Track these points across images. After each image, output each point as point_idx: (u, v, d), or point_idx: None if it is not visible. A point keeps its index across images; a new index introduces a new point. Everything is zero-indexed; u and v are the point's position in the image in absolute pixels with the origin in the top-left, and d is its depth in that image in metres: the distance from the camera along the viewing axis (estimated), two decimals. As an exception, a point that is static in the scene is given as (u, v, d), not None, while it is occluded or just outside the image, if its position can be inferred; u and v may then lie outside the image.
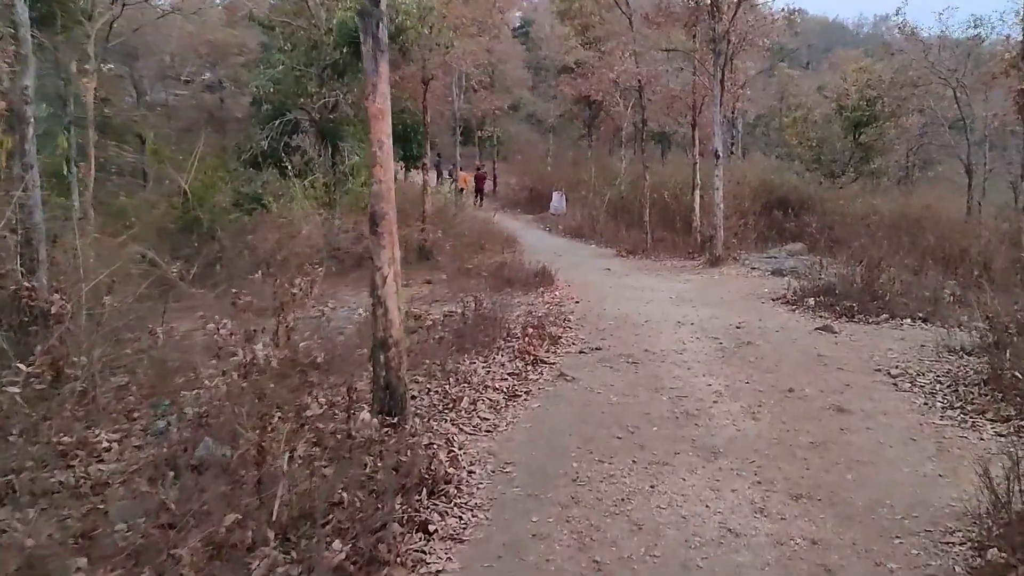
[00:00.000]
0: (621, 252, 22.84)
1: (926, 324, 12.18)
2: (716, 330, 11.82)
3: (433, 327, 11.18)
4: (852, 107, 27.52)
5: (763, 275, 17.88)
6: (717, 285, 16.57)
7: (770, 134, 40.10)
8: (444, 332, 10.73)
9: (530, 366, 9.62)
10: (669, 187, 25.34)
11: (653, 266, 20.45)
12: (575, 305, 13.91)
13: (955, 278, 15.21)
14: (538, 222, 30.45)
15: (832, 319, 12.68)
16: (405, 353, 6.96)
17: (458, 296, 14.42)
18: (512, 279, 15.63)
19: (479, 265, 16.71)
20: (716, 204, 19.32)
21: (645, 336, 11.42)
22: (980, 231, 20.11)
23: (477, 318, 11.39)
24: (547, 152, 37.28)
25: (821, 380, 9.08)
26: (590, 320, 12.56)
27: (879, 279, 13.62)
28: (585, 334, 11.50)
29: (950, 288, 14.19)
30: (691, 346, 10.81)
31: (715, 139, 19.20)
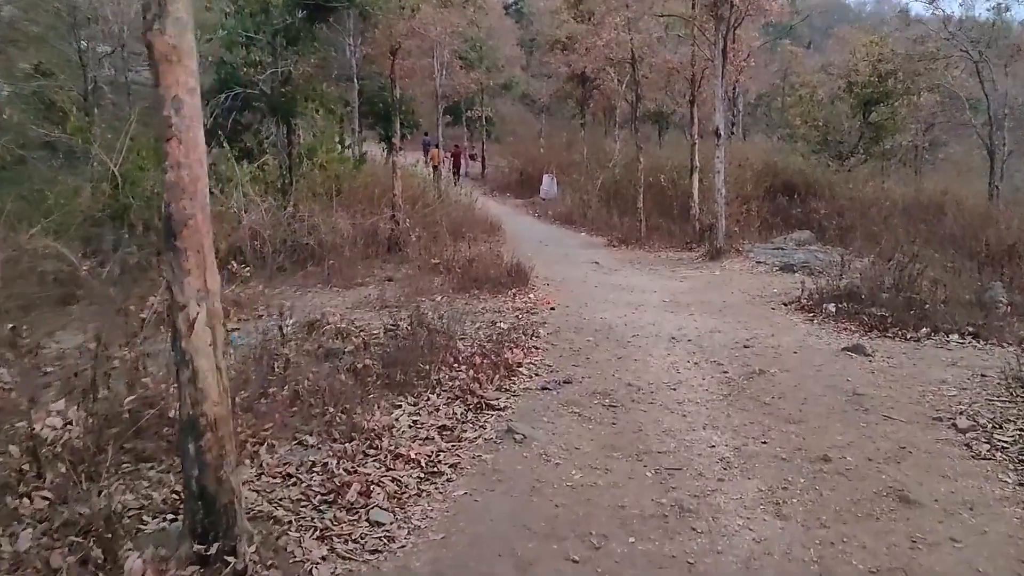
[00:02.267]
0: (613, 242, 20.16)
1: (978, 341, 9.51)
2: (719, 350, 9.14)
3: (360, 350, 8.48)
4: (862, 83, 24.66)
5: (771, 271, 15.17)
6: (719, 284, 13.85)
7: (772, 115, 37.24)
8: (370, 359, 8.03)
9: (471, 413, 6.92)
10: (666, 170, 22.62)
11: (647, 258, 17.72)
12: (550, 313, 11.23)
13: (998, 277, 12.48)
14: (527, 207, 27.70)
15: (860, 333, 10.00)
16: (232, 437, 4.23)
17: (414, 300, 11.79)
18: (481, 278, 12.93)
19: (448, 260, 14.00)
20: (717, 189, 16.59)
21: (630, 360, 8.74)
22: (1010, 219, 17.40)
23: (419, 337, 8.74)
24: (540, 133, 34.48)
25: (865, 438, 6.38)
26: (565, 335, 9.88)
27: (915, 280, 10.92)
28: (554, 357, 8.81)
29: (998, 292, 11.48)
30: (688, 376, 8.13)
31: (716, 115, 16.43)
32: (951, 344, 9.40)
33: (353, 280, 13.67)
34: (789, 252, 16.90)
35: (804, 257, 16.15)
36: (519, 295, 12.45)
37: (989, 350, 9.13)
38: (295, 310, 11.30)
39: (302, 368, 7.57)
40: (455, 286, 12.79)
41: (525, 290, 12.80)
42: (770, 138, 31.38)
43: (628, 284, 13.94)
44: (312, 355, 8.61)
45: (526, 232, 22.13)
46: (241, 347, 9.12)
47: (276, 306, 11.63)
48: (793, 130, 29.82)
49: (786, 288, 13.18)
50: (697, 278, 14.61)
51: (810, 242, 18.91)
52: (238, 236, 14.07)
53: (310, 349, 8.80)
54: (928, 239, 17.80)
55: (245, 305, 11.26)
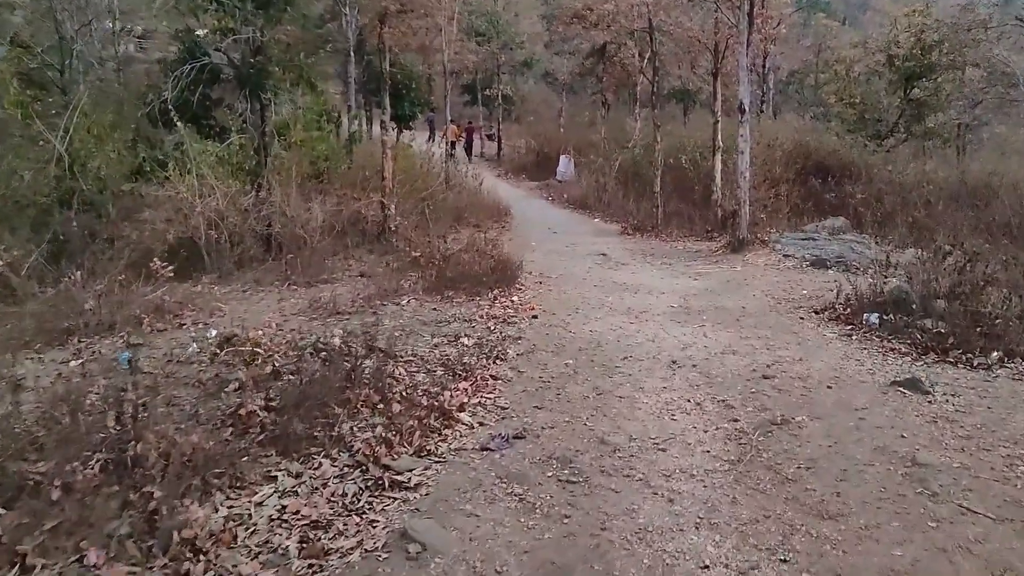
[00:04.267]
0: (627, 229, 17.88)
1: (1069, 372, 7.18)
2: (730, 382, 6.88)
3: (258, 382, 6.32)
4: (904, 57, 21.99)
5: (800, 266, 12.81)
6: (739, 284, 11.53)
7: (804, 93, 34.46)
8: (262, 399, 5.87)
9: (368, 494, 4.75)
10: (688, 151, 20.22)
11: (661, 249, 15.42)
12: (530, 323, 9.03)
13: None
14: (542, 190, 25.40)
15: (912, 356, 7.68)
16: None
17: (373, 304, 9.69)
18: (458, 277, 10.74)
19: (428, 253, 11.79)
20: (741, 172, 14.21)
21: (613, 397, 6.51)
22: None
23: (346, 363, 6.60)
24: (560, 112, 32.02)
25: (938, 552, 4.12)
26: (538, 357, 7.66)
27: (980, 287, 8.58)
28: (514, 394, 6.60)
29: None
30: (685, 426, 5.88)
31: (741, 89, 14.01)
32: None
33: (319, 276, 11.55)
34: (821, 243, 14.51)
35: (838, 250, 13.76)
36: (500, 298, 10.25)
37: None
38: (229, 317, 9.26)
39: (161, 417, 5.46)
40: (428, 286, 10.62)
41: (509, 292, 10.59)
42: (802, 117, 28.69)
43: (634, 282, 11.67)
44: (200, 389, 6.52)
45: (536, 217, 19.92)
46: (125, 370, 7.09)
47: (209, 311, 9.60)
48: (827, 108, 27.22)
49: (818, 289, 10.85)
50: (714, 275, 12.29)
51: (845, 230, 16.50)
52: (189, 225, 11.99)
53: (202, 379, 6.71)
54: (976, 227, 15.45)
55: (170, 311, 9.18)
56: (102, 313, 8.74)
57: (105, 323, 8.62)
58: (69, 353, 7.67)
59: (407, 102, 25.57)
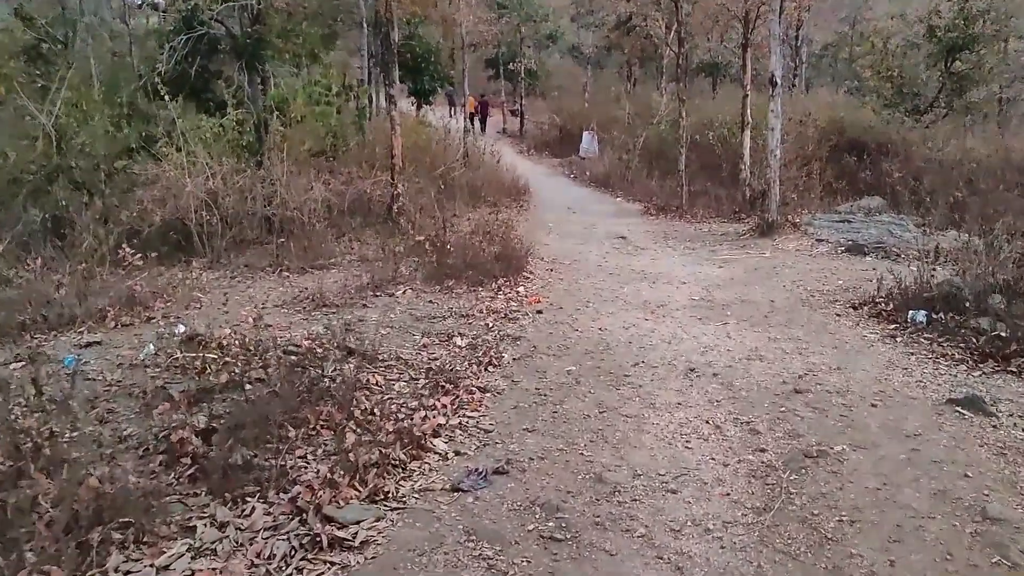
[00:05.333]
0: (650, 209, 16.76)
1: None
2: (756, 398, 5.80)
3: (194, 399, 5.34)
4: (946, 27, 20.50)
5: (834, 252, 11.65)
6: (767, 273, 10.39)
7: (838, 66, 32.86)
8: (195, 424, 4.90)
9: (298, 556, 3.70)
10: (715, 127, 18.97)
11: (685, 231, 14.29)
12: (534, 320, 7.99)
13: None
14: (564, 167, 24.21)
15: (968, 364, 6.55)
16: None
17: (364, 295, 8.72)
18: (461, 265, 9.72)
19: (433, 237, 10.75)
20: (771, 150, 13.01)
21: (618, 416, 5.45)
22: None
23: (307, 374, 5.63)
24: (585, 87, 30.69)
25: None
26: (536, 362, 6.64)
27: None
28: (504, 410, 5.56)
29: None
30: (701, 458, 4.81)
31: (773, 59, 12.76)
32: (1113, 391, 5.95)
33: (315, 261, 10.57)
34: (857, 226, 13.31)
35: (876, 234, 12.56)
36: (505, 288, 9.23)
37: None
38: (206, 309, 8.33)
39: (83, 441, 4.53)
40: (428, 274, 9.61)
41: (516, 281, 9.56)
42: (836, 92, 27.20)
43: (653, 270, 10.58)
44: (143, 402, 5.57)
45: (556, 196, 18.84)
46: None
47: (186, 301, 8.66)
48: (862, 83, 25.74)
49: (855, 280, 9.71)
50: (741, 262, 11.15)
51: (881, 210, 15.28)
52: (177, 206, 11.03)
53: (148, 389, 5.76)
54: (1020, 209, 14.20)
55: (142, 302, 8.24)
56: (63, 305, 7.83)
57: (66, 316, 7.71)
58: (12, 354, 6.73)
59: (427, 76, 24.45)
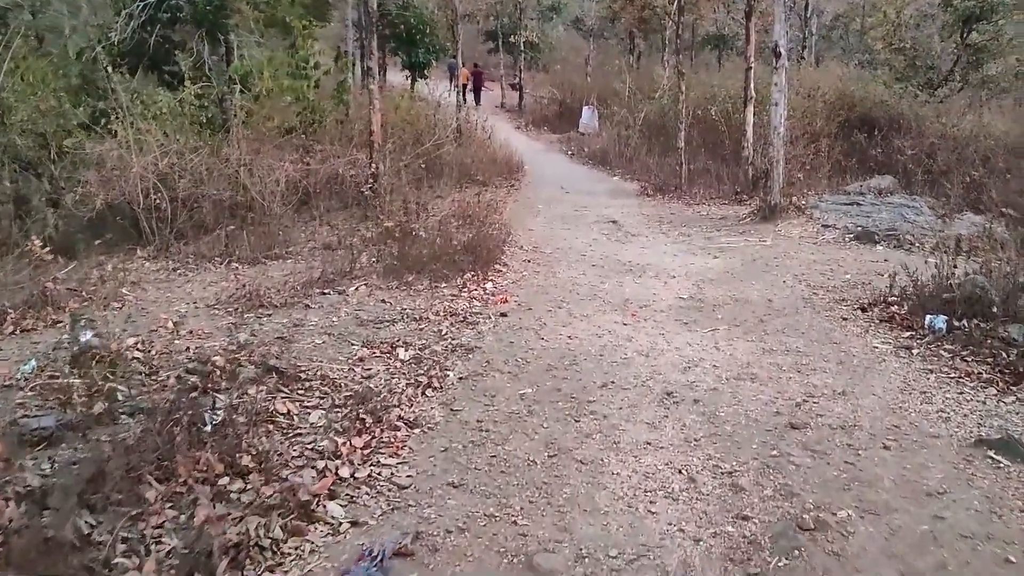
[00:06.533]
0: (647, 189, 15.59)
1: None
2: (742, 434, 4.65)
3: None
4: (963, -4, 19.11)
5: (841, 240, 10.49)
6: (766, 265, 9.21)
7: (849, 38, 31.32)
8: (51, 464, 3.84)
9: None
10: (718, 101, 17.68)
11: (682, 215, 13.12)
12: (495, 325, 6.87)
13: None
14: (562, 143, 22.93)
15: (999, 386, 5.41)
16: None
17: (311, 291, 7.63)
18: (422, 257, 8.58)
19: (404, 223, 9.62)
20: (774, 127, 11.79)
21: (571, 465, 4.31)
22: None
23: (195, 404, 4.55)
24: (587, 60, 29.29)
25: None
26: (489, 383, 5.49)
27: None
28: (431, 454, 4.43)
29: None
30: (665, 529, 3.66)
31: (776, 27, 11.51)
32: None
33: (270, 250, 9.48)
34: (867, 209, 12.11)
35: (888, 219, 11.38)
36: (472, 284, 8.10)
37: None
38: (128, 309, 7.25)
39: None
40: (388, 266, 8.49)
41: (486, 274, 8.43)
42: (846, 64, 25.77)
43: (641, 261, 9.43)
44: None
45: (551, 174, 17.68)
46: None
47: (109, 299, 7.58)
48: (874, 55, 24.34)
49: (864, 273, 8.57)
50: (738, 251, 9.98)
51: (893, 191, 14.06)
52: (125, 188, 9.92)
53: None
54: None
55: (55, 301, 7.17)
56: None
57: (-41, 322, 6.65)
58: None
59: (422, 49, 23.16)
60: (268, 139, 11.90)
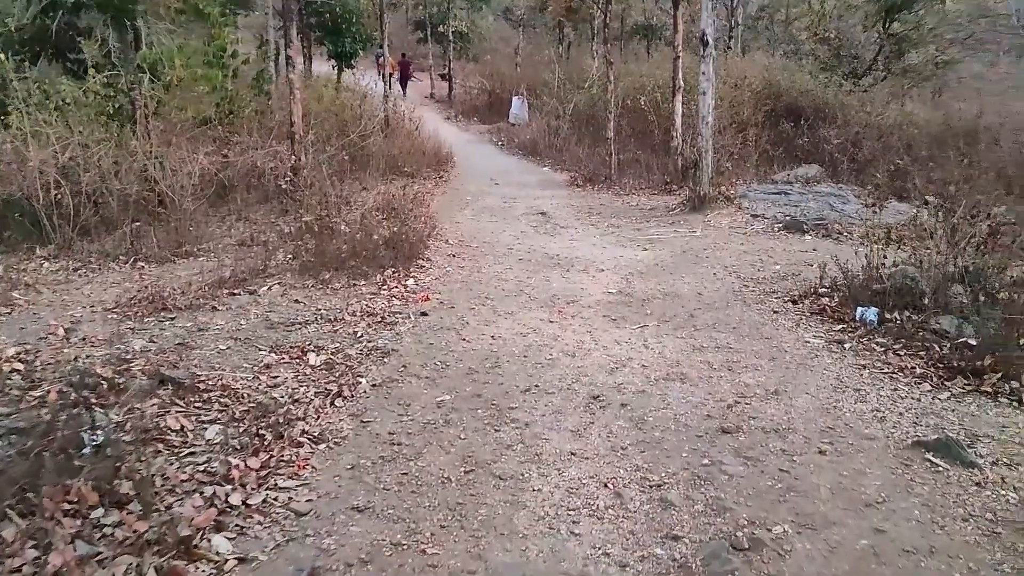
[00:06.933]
0: (577, 180, 15.28)
1: None
2: (672, 441, 4.32)
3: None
4: (885, -14, 19.24)
5: (770, 230, 10.32)
6: (697, 256, 8.97)
7: (774, 28, 31.52)
8: None
9: None
10: (647, 91, 17.45)
11: (611, 206, 12.84)
12: (415, 325, 6.45)
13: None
14: (492, 134, 22.53)
15: (933, 381, 5.20)
16: None
17: (220, 292, 7.13)
18: (350, 252, 8.12)
19: (324, 217, 9.12)
20: (703, 117, 11.57)
21: (488, 481, 3.92)
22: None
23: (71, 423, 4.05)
24: (516, 50, 28.89)
25: None
26: (405, 389, 5.09)
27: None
28: (336, 473, 3.99)
29: None
30: (588, 553, 3.32)
31: (704, 16, 11.27)
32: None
33: (181, 247, 8.91)
34: (795, 198, 12.02)
35: (816, 208, 11.29)
36: (393, 281, 7.67)
37: None
38: (19, 314, 6.66)
39: None
40: (304, 264, 8.01)
41: (408, 271, 8.01)
42: (772, 54, 25.86)
43: (569, 255, 9.10)
44: None
45: (480, 165, 17.29)
46: None
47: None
48: (798, 45, 24.44)
49: (794, 264, 8.39)
50: (668, 243, 9.73)
51: (820, 179, 14.07)
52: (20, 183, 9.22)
53: None
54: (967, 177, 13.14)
55: None
56: None
57: None
58: None
59: (348, 38, 22.46)
60: (181, 130, 11.25)
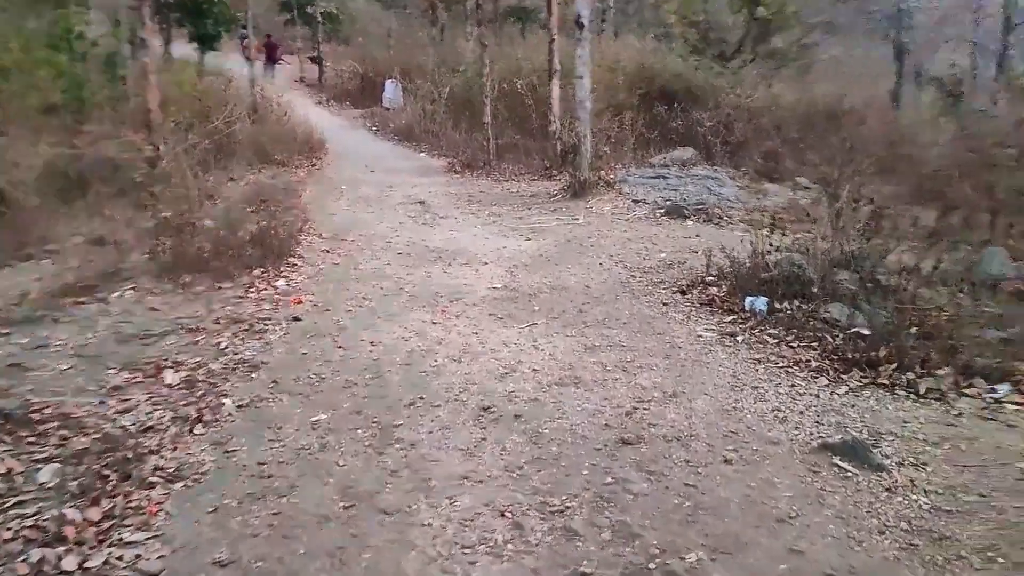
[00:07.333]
0: (455, 166, 14.78)
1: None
2: (571, 453, 3.96)
3: None
4: (749, -30, 19.43)
5: (653, 216, 10.15)
6: (581, 246, 8.66)
7: (644, 12, 31.78)
8: None
9: None
10: (523, 74, 17.09)
11: (492, 193, 12.44)
12: (287, 332, 5.88)
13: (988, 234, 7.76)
14: (367, 119, 21.72)
15: (830, 375, 5.03)
16: None
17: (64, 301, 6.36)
18: (213, 251, 7.42)
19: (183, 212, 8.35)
20: (581, 101, 11.32)
21: (371, 518, 3.46)
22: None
23: None
24: (389, 32, 28.03)
25: None
26: (275, 410, 4.52)
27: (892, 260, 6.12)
28: (195, 518, 3.43)
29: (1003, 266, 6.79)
30: None
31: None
32: (1009, 409, 4.56)
33: (23, 249, 7.98)
34: (674, 182, 11.92)
35: (695, 191, 11.21)
36: (262, 282, 7.05)
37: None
38: None
39: None
40: (163, 265, 7.27)
41: (278, 270, 7.39)
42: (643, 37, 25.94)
43: (452, 247, 8.65)
44: None
45: (355, 151, 16.58)
46: None
47: None
48: (668, 28, 24.57)
49: (679, 251, 8.20)
50: (552, 232, 9.40)
51: (695, 162, 14.07)
52: None
53: None
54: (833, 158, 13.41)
55: None
56: None
57: None
58: None
59: (210, 19, 21.21)
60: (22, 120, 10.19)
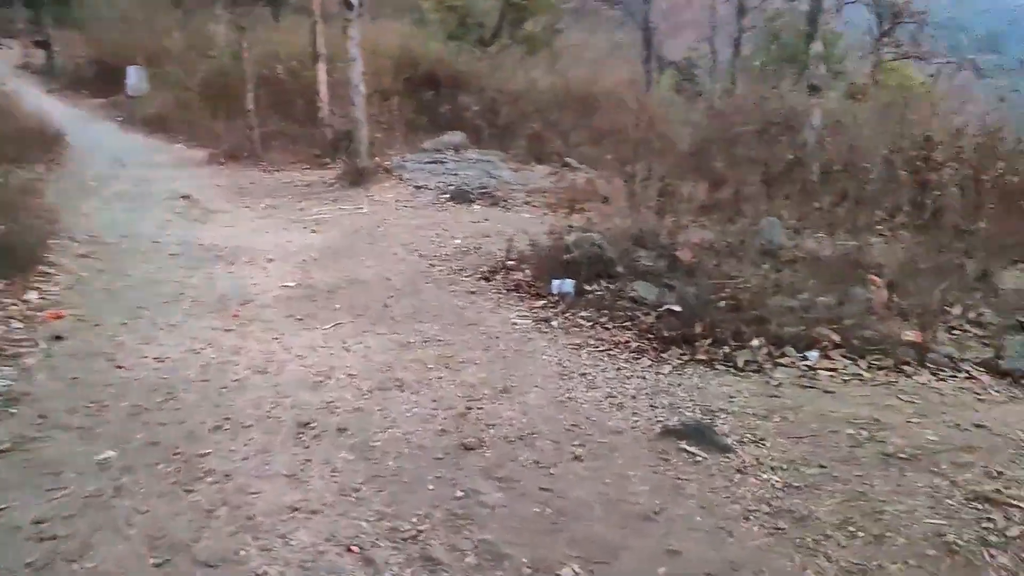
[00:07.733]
0: (219, 157, 13.71)
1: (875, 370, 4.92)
2: (411, 469, 3.56)
3: None
4: (499, -44, 19.62)
5: (438, 202, 9.88)
6: (371, 236, 8.20)
7: (399, -3, 31.33)
8: None
9: None
10: (283, 59, 16.18)
11: (263, 184, 11.63)
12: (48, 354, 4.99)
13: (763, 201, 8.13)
14: (111, 108, 19.74)
15: (651, 355, 5.00)
16: None
17: None
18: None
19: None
20: (355, 85, 10.80)
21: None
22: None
23: None
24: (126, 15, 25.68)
25: None
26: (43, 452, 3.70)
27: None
28: None
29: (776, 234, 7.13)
30: None
31: (346, -22, 10.43)
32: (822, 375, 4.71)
33: None
34: (452, 167, 11.75)
35: (475, 176, 11.08)
36: (8, 295, 5.96)
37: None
38: None
39: None
40: None
41: (26, 281, 6.33)
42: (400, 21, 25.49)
43: (231, 244, 7.88)
44: None
45: (102, 144, 14.96)
46: None
47: None
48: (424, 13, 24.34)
49: (472, 236, 7.99)
50: (337, 223, 8.85)
51: (465, 146, 13.98)
52: None
53: None
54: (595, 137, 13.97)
55: None
56: None
57: None
58: None
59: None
60: None
